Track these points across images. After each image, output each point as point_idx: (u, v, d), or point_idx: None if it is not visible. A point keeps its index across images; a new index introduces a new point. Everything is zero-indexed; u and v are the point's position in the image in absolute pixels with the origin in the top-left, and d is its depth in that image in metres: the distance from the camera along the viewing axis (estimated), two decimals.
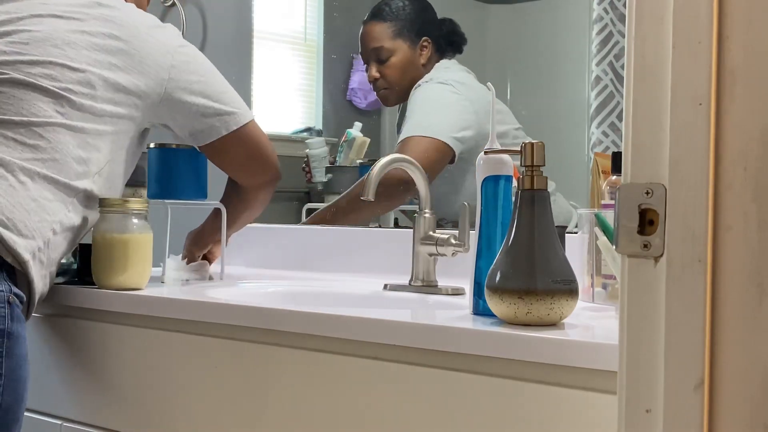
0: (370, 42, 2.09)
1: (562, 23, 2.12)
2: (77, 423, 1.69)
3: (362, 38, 2.14)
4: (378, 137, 2.37)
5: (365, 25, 2.14)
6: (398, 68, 2.05)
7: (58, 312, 1.72)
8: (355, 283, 1.88)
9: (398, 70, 2.05)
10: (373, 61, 2.08)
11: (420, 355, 1.23)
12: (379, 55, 2.05)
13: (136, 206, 1.65)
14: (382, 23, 2.08)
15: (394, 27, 2.06)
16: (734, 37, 0.71)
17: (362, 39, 2.14)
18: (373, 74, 2.08)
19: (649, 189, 0.74)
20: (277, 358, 1.39)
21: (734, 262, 0.71)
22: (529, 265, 1.21)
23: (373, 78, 2.09)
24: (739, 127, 0.71)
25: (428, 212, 1.72)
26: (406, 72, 2.05)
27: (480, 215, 1.35)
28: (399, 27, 2.07)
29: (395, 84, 2.07)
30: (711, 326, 0.71)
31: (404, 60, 2.04)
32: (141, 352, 1.60)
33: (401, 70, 2.05)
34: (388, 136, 2.34)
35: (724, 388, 0.71)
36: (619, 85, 1.93)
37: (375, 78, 2.08)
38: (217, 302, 1.52)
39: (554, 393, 1.12)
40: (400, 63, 2.04)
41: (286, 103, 2.49)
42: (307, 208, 2.32)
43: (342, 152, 2.20)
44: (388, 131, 2.35)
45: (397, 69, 2.05)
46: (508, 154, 1.36)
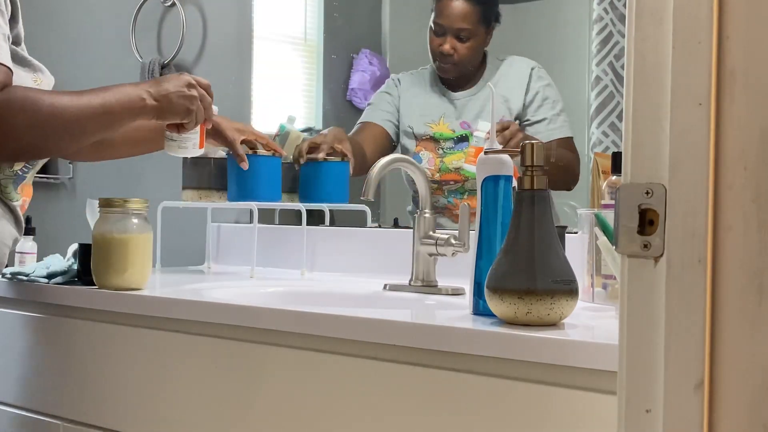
0: (458, 21, 2.14)
1: (562, 23, 2.12)
2: (77, 423, 1.69)
3: (448, 12, 2.16)
4: None
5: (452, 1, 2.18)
6: (473, 50, 2.13)
7: (58, 312, 1.72)
8: (355, 283, 1.88)
9: (473, 51, 2.13)
10: (452, 36, 2.13)
11: (420, 355, 1.23)
12: (461, 33, 2.10)
13: (136, 206, 1.65)
14: (473, 5, 2.13)
15: (481, 12, 2.13)
16: (734, 37, 0.71)
17: (447, 13, 2.16)
18: (448, 48, 2.13)
19: (649, 189, 0.74)
20: (276, 358, 1.39)
21: (734, 262, 0.71)
22: (529, 265, 1.21)
23: (447, 52, 2.13)
24: (739, 127, 0.71)
25: (428, 212, 1.72)
26: (478, 52, 2.13)
27: (480, 215, 1.35)
28: (483, 11, 2.13)
29: (465, 62, 2.14)
30: (711, 326, 0.71)
31: (479, 44, 2.13)
32: (141, 352, 1.60)
33: (474, 52, 2.13)
34: None
35: (724, 388, 0.71)
36: (619, 85, 1.93)
37: (449, 53, 2.13)
38: (217, 302, 1.52)
39: (554, 393, 1.12)
40: (477, 45, 2.12)
41: (286, 103, 2.49)
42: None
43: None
44: None
45: (472, 50, 2.13)
46: (508, 155, 1.36)
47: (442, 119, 2.16)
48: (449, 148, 2.14)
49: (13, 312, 1.81)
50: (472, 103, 2.13)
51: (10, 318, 1.81)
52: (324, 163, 2.17)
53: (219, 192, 2.12)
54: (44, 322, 1.75)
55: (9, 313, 1.81)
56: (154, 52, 2.59)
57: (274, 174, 2.10)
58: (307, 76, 2.51)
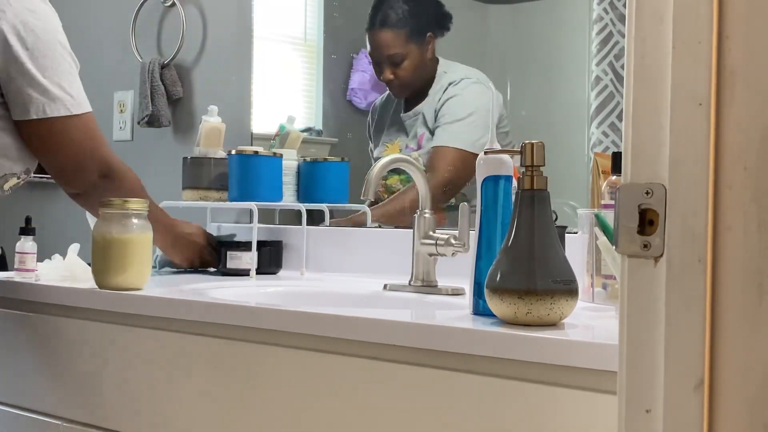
0: (384, 49, 2.18)
1: (562, 23, 2.12)
2: (77, 423, 1.69)
3: (373, 44, 2.21)
4: None
5: (375, 32, 2.21)
6: (412, 69, 2.15)
7: (58, 312, 1.72)
8: (355, 283, 1.88)
9: (412, 70, 2.15)
10: (387, 65, 2.16)
11: (420, 355, 1.23)
12: (393, 59, 2.13)
13: (136, 206, 1.65)
14: (392, 30, 2.16)
15: (405, 32, 2.16)
16: (734, 37, 0.71)
17: (373, 45, 2.21)
18: (388, 76, 2.17)
19: (649, 189, 0.74)
20: (276, 358, 1.39)
21: (734, 262, 0.70)
22: (529, 265, 1.21)
23: (388, 79, 2.18)
24: (739, 127, 0.71)
25: (428, 212, 1.72)
26: (420, 70, 2.15)
27: (480, 215, 1.35)
28: (408, 31, 2.16)
29: (409, 82, 2.17)
30: (711, 326, 0.71)
31: (417, 61, 2.14)
32: (141, 352, 1.60)
33: (415, 70, 2.15)
34: None
35: (724, 388, 0.71)
36: (619, 85, 1.93)
37: (390, 79, 2.18)
38: (217, 302, 1.52)
39: (554, 393, 1.12)
40: (414, 64, 2.15)
41: (286, 103, 2.48)
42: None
43: (274, 147, 2.20)
44: None
45: (412, 70, 2.15)
46: (507, 155, 1.36)
47: (398, 141, 2.19)
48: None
49: (13, 312, 1.81)
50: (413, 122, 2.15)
51: (9, 318, 1.81)
52: (324, 163, 2.18)
53: (219, 192, 2.13)
54: (44, 322, 1.75)
55: (9, 313, 1.81)
56: (154, 52, 2.59)
57: (274, 174, 2.10)
58: (307, 76, 2.51)
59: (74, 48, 2.86)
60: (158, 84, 2.49)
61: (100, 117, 2.75)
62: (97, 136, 1.79)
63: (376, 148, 2.25)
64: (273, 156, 2.10)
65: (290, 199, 2.17)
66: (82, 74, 2.84)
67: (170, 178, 2.33)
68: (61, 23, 1.74)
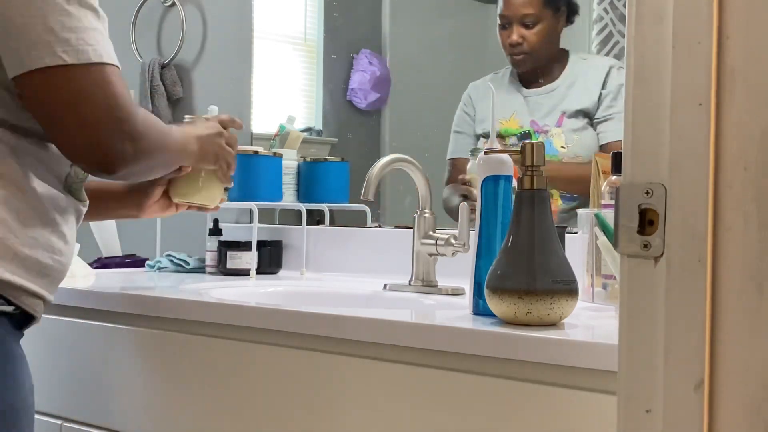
0: (520, 7, 2.07)
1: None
2: (77, 423, 1.69)
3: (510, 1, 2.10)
4: (378, 137, 2.37)
5: None
6: (543, 35, 2.06)
7: (57, 312, 1.72)
8: (355, 283, 1.88)
9: (543, 37, 2.06)
10: (518, 24, 2.07)
11: (420, 355, 1.23)
12: (526, 20, 2.06)
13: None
14: None
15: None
16: (734, 37, 0.71)
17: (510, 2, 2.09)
18: (515, 38, 2.06)
19: (649, 189, 0.74)
20: (277, 358, 1.39)
21: (734, 262, 0.70)
22: (529, 265, 1.21)
23: (515, 42, 2.07)
24: (739, 127, 0.71)
25: (428, 212, 1.72)
26: (549, 40, 2.07)
27: (480, 215, 1.35)
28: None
29: (536, 50, 2.07)
30: (711, 326, 0.71)
31: (549, 28, 2.06)
32: (141, 352, 1.60)
33: (545, 38, 2.06)
34: (388, 135, 2.34)
35: (724, 388, 0.71)
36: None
37: (517, 42, 2.07)
38: (217, 302, 1.53)
39: (554, 393, 1.12)
40: (545, 31, 2.06)
41: (286, 103, 2.49)
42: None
43: (274, 147, 2.20)
44: (388, 131, 2.35)
45: (542, 36, 2.06)
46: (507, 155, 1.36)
47: (513, 116, 2.10)
48: (512, 144, 2.06)
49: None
50: (546, 100, 2.08)
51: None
52: (324, 163, 2.18)
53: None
54: (44, 322, 1.75)
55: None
56: (154, 52, 2.59)
57: (274, 174, 2.10)
58: (307, 76, 2.51)
59: None
60: (158, 84, 2.49)
61: None
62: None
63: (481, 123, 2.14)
64: (273, 156, 2.10)
65: (290, 199, 2.17)
66: None
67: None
68: None
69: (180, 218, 2.26)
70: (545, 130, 2.03)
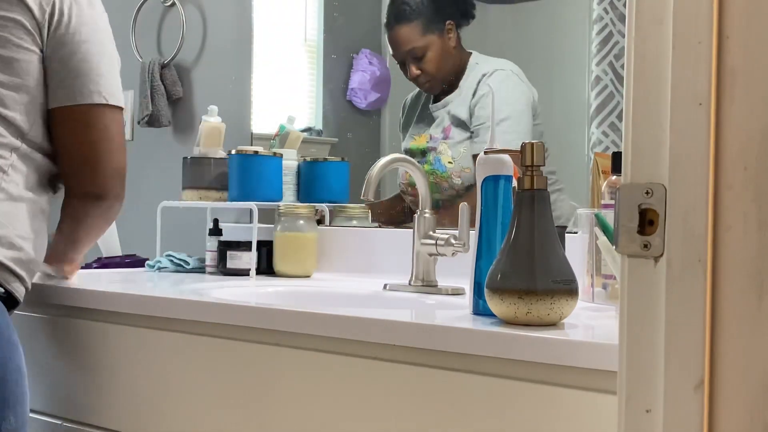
0: (403, 45, 2.13)
1: (562, 23, 2.12)
2: (77, 423, 1.69)
3: (392, 42, 2.16)
4: (378, 137, 2.37)
5: (391, 29, 2.17)
6: (436, 61, 2.09)
7: (58, 312, 1.72)
8: (355, 283, 1.88)
9: (437, 62, 2.10)
10: (410, 60, 2.11)
11: (420, 355, 1.23)
12: (414, 54, 2.09)
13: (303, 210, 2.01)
14: (408, 24, 2.11)
15: (421, 24, 2.11)
16: (734, 37, 0.71)
17: (392, 42, 2.16)
18: (414, 72, 2.11)
19: (649, 189, 0.74)
20: (277, 358, 1.39)
21: (734, 262, 0.71)
22: (529, 265, 1.21)
23: (414, 76, 2.12)
24: (739, 127, 0.71)
25: (428, 212, 1.72)
26: (445, 61, 2.10)
27: (480, 215, 1.35)
28: (425, 22, 2.11)
29: (437, 75, 2.12)
30: (711, 326, 0.71)
31: (440, 51, 2.09)
32: (141, 352, 1.60)
33: (440, 62, 2.10)
34: (388, 136, 2.34)
35: (724, 388, 0.71)
36: (619, 85, 1.93)
37: (416, 75, 2.12)
38: (217, 302, 1.52)
39: (554, 393, 1.12)
40: (437, 55, 2.09)
41: (286, 103, 2.48)
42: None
43: (274, 147, 2.20)
44: (388, 131, 2.35)
45: (436, 62, 2.10)
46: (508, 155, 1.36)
47: (425, 132, 2.15)
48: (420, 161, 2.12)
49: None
50: (442, 112, 2.12)
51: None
52: (324, 162, 2.18)
53: (219, 192, 2.13)
54: (44, 322, 1.75)
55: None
56: (154, 52, 2.59)
57: (274, 174, 2.10)
58: (307, 76, 2.51)
59: None
60: (158, 84, 2.49)
61: None
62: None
63: (405, 139, 2.21)
64: (273, 156, 2.10)
65: (290, 199, 2.17)
66: None
67: (170, 178, 2.33)
68: None
69: (180, 218, 2.26)
70: (435, 147, 2.07)
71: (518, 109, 2.00)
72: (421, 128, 2.16)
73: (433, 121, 2.14)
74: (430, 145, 2.12)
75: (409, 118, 2.22)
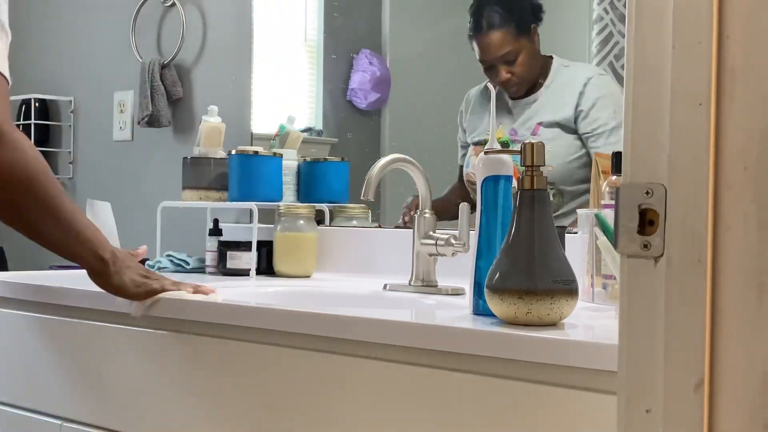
0: (496, 50, 2.12)
1: (562, 23, 2.12)
2: (77, 423, 1.69)
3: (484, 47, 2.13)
4: (378, 137, 2.37)
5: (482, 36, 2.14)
6: (528, 63, 2.10)
7: (58, 312, 1.72)
8: (355, 283, 1.88)
9: (527, 63, 2.10)
10: (501, 64, 2.10)
11: (420, 355, 1.23)
12: (507, 58, 2.09)
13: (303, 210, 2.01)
14: (500, 29, 2.12)
15: (514, 26, 2.11)
16: (734, 36, 0.71)
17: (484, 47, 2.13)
18: (504, 76, 2.10)
19: (649, 189, 0.74)
20: (277, 358, 1.39)
21: (734, 262, 0.70)
22: (529, 265, 1.21)
23: (504, 79, 2.10)
24: (739, 127, 0.71)
25: (428, 212, 1.72)
26: (534, 64, 2.10)
27: (480, 215, 1.35)
28: (517, 25, 2.11)
29: (526, 75, 2.11)
30: (711, 326, 0.71)
31: (530, 52, 2.10)
32: (141, 352, 1.60)
33: (530, 62, 2.10)
34: (388, 136, 2.34)
35: (724, 388, 0.71)
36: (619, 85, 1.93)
37: (507, 79, 2.10)
38: (217, 302, 1.52)
39: (554, 393, 1.12)
40: (528, 58, 2.10)
41: (286, 103, 2.48)
42: None
43: (274, 147, 2.20)
44: (388, 131, 2.35)
45: (527, 62, 2.10)
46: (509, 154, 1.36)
47: (500, 126, 2.13)
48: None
49: (12, 312, 1.81)
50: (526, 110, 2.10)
51: (9, 318, 1.81)
52: (324, 162, 2.18)
53: (219, 192, 2.13)
54: (44, 322, 1.75)
55: (9, 313, 1.81)
56: (154, 52, 2.59)
57: (274, 174, 2.10)
58: (307, 76, 2.51)
59: (74, 48, 2.86)
60: (158, 84, 2.49)
61: (101, 117, 2.76)
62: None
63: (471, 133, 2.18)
64: (273, 156, 2.10)
65: (290, 199, 2.17)
66: (82, 74, 2.84)
67: (170, 178, 2.33)
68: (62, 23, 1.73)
69: (180, 218, 2.26)
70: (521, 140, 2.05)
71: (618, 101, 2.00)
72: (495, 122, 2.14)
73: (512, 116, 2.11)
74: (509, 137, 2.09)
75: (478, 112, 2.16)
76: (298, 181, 2.19)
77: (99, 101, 2.77)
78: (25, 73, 2.75)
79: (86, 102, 2.82)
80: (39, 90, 2.84)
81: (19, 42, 2.91)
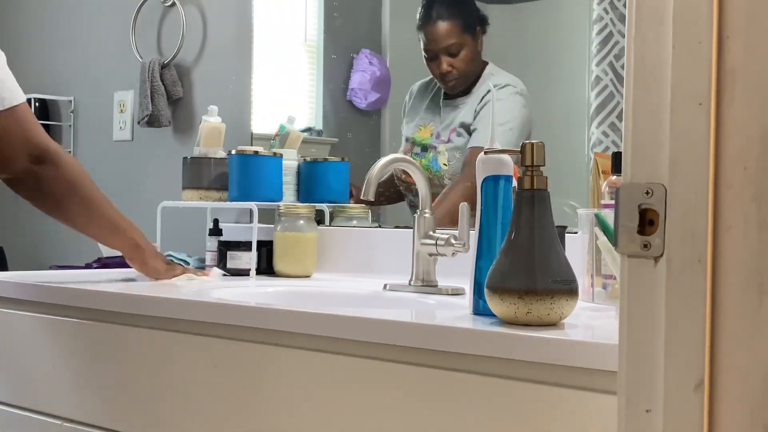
0: (441, 41, 2.18)
1: (562, 23, 2.12)
2: (77, 423, 1.69)
3: (429, 37, 2.21)
4: (378, 137, 2.37)
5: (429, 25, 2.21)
6: (468, 60, 2.17)
7: (58, 312, 1.72)
8: (355, 283, 1.88)
9: (468, 62, 2.17)
10: (444, 54, 2.17)
11: (420, 355, 1.23)
12: (450, 50, 2.15)
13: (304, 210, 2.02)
14: (447, 22, 2.18)
15: (462, 22, 2.18)
16: (734, 37, 0.71)
17: (429, 38, 2.21)
18: (446, 67, 2.17)
19: (649, 189, 0.74)
20: (277, 358, 1.39)
21: (734, 262, 0.70)
22: (529, 265, 1.21)
23: (445, 71, 2.17)
24: (739, 127, 0.71)
25: (428, 212, 1.72)
26: (473, 64, 2.16)
27: (480, 215, 1.35)
28: (464, 22, 2.18)
29: (464, 73, 2.17)
30: (711, 326, 0.71)
31: (472, 52, 2.16)
32: (141, 352, 1.60)
33: (470, 62, 2.17)
34: (389, 136, 2.34)
35: (724, 388, 0.71)
36: (619, 85, 1.93)
37: (447, 71, 2.17)
38: (217, 302, 1.52)
39: (554, 393, 1.12)
40: (469, 56, 2.17)
41: (286, 103, 2.49)
42: None
43: (274, 147, 2.20)
44: (388, 131, 2.35)
45: (467, 61, 2.17)
46: (508, 154, 1.36)
47: (431, 124, 2.18)
48: (416, 153, 2.17)
49: (13, 312, 1.81)
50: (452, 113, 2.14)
51: (10, 318, 1.81)
52: (324, 163, 2.18)
53: (219, 192, 2.13)
54: (44, 322, 1.75)
55: (9, 313, 1.81)
56: (154, 52, 2.59)
57: (274, 174, 2.10)
58: (307, 76, 2.51)
59: (74, 48, 2.86)
60: (158, 84, 2.49)
61: (100, 117, 2.76)
62: (31, 124, 1.78)
63: (407, 125, 2.26)
64: (273, 156, 2.10)
65: (290, 199, 2.17)
66: (82, 74, 2.84)
67: (170, 178, 2.33)
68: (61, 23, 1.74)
69: (180, 218, 2.26)
70: (435, 146, 2.14)
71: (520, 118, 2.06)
72: (426, 119, 2.19)
73: (440, 116, 2.16)
74: (432, 142, 2.14)
75: (416, 106, 2.24)
76: (298, 181, 2.19)
77: (99, 101, 2.77)
78: (25, 73, 2.74)
79: (86, 102, 2.82)
80: (39, 90, 2.84)
81: (20, 42, 2.91)
